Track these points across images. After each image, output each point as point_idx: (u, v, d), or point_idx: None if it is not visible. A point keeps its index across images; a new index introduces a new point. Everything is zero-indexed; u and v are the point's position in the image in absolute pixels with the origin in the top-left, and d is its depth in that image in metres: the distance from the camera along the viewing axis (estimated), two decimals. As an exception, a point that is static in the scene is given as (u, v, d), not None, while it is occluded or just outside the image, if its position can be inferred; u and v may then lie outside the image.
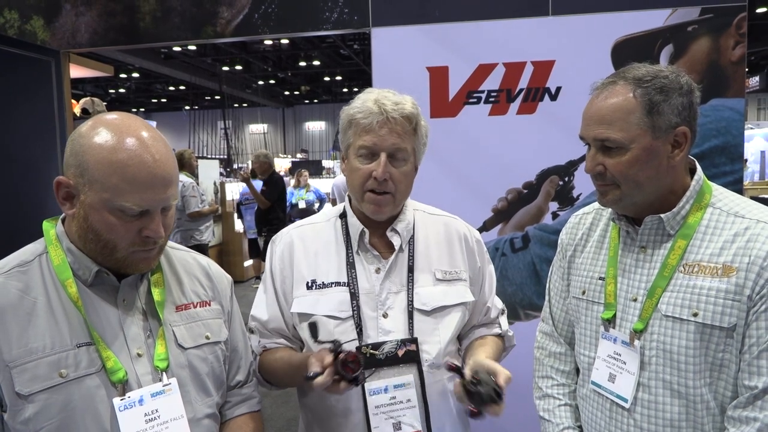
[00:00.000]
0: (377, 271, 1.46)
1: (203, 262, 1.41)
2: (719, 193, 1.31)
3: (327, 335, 1.38)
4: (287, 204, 7.93)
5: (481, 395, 1.24)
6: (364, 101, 1.41)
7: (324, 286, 1.46)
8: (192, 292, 1.33)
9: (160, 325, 1.23)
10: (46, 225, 1.23)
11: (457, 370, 1.32)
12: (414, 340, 1.41)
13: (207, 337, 1.30)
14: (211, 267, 1.42)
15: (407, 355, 1.39)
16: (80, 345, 1.13)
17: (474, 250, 1.57)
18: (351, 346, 1.38)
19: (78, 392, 1.11)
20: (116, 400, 1.13)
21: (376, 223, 1.49)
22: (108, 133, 1.11)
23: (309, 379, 1.22)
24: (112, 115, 1.16)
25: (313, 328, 1.36)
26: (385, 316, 1.43)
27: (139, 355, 1.19)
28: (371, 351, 1.38)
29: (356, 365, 1.24)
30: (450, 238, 1.55)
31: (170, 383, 1.20)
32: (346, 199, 1.55)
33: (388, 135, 1.39)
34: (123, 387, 1.14)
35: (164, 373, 1.20)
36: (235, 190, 9.59)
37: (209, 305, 1.35)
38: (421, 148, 1.48)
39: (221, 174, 12.87)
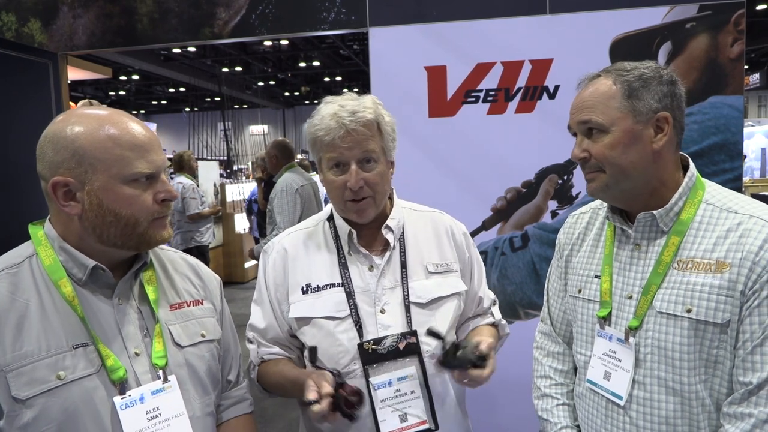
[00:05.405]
0: (370, 269, 1.49)
1: (192, 261, 1.42)
2: (712, 189, 1.31)
3: (327, 362, 1.40)
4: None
5: (460, 358, 1.30)
6: (323, 117, 1.41)
7: (319, 289, 1.48)
8: (184, 290, 1.34)
9: (156, 323, 1.23)
10: (32, 228, 1.21)
11: (437, 336, 1.37)
12: (413, 333, 1.43)
13: (203, 335, 1.30)
14: (200, 266, 1.42)
15: (408, 347, 1.41)
16: (77, 346, 1.12)
17: (461, 242, 1.61)
18: (352, 352, 1.40)
19: (77, 394, 1.10)
20: (117, 399, 1.13)
21: (364, 224, 1.50)
22: (85, 119, 1.14)
23: (306, 405, 1.25)
24: (66, 113, 1.19)
25: (313, 353, 1.38)
26: (382, 311, 1.45)
27: (137, 354, 1.19)
28: (373, 346, 1.40)
29: (359, 401, 1.27)
30: (438, 232, 1.59)
31: (170, 380, 1.20)
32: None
33: (353, 145, 1.40)
34: (122, 385, 1.14)
35: (163, 370, 1.20)
36: (235, 191, 9.59)
37: (202, 304, 1.35)
38: (390, 144, 1.48)
39: (221, 175, 12.87)
